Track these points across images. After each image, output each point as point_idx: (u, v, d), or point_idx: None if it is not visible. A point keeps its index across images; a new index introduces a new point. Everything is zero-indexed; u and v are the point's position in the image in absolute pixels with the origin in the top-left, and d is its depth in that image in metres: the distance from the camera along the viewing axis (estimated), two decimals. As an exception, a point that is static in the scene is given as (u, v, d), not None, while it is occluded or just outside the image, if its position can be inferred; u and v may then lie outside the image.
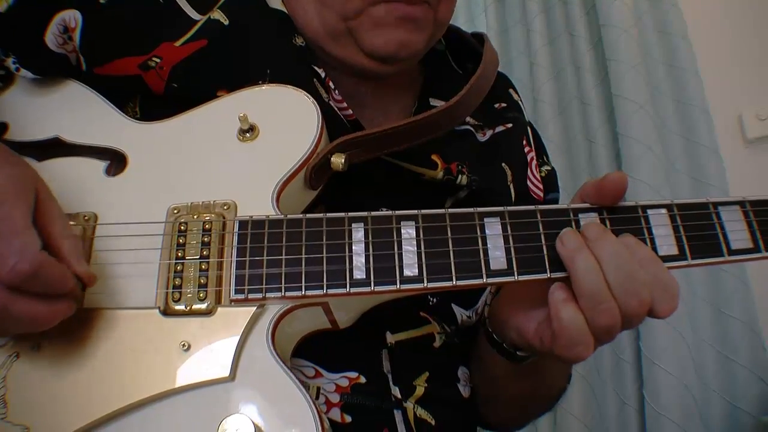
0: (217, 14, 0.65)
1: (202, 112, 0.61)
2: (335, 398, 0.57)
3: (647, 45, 1.87)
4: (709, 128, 1.75)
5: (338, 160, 0.58)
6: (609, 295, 0.49)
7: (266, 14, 0.68)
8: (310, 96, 0.60)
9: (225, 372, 0.48)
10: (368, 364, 0.61)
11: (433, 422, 0.62)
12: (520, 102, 0.85)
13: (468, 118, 0.74)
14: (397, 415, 0.60)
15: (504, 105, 0.81)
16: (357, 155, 0.60)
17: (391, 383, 0.61)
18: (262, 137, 0.58)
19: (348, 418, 0.57)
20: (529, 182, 0.78)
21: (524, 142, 0.81)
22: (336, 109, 0.64)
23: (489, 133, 0.76)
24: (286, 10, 0.69)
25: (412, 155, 0.65)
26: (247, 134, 0.58)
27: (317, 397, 0.57)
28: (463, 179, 0.67)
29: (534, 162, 0.81)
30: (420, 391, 0.63)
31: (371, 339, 0.61)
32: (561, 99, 1.95)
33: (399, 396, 0.61)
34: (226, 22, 0.64)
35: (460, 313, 0.71)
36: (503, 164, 0.74)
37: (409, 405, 0.61)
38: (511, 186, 0.74)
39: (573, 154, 1.89)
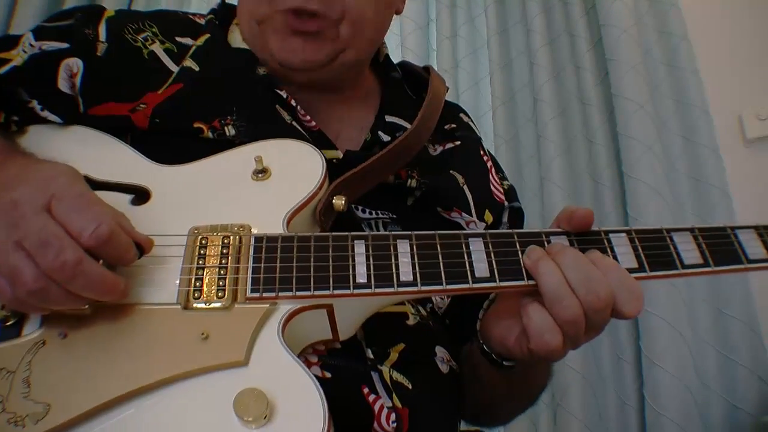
0: (188, 62, 0.76)
1: (220, 157, 0.69)
2: (314, 359, 0.63)
3: (647, 45, 1.87)
4: (709, 128, 1.75)
5: (339, 202, 0.67)
6: (569, 292, 0.56)
7: (230, 54, 0.80)
8: (316, 148, 0.69)
9: (240, 357, 0.53)
10: None
11: (410, 386, 0.67)
12: (470, 123, 0.99)
13: None
14: (375, 376, 0.65)
15: (453, 126, 0.93)
16: (352, 194, 0.70)
17: (364, 346, 0.66)
18: (273, 178, 0.67)
19: (328, 374, 0.62)
20: (491, 186, 0.90)
21: (481, 152, 0.93)
22: (299, 127, 0.74)
23: (440, 149, 0.87)
24: (247, 46, 0.80)
25: None
26: (260, 175, 0.66)
27: None
28: (412, 182, 0.79)
29: (493, 169, 0.93)
30: (394, 356, 0.68)
31: None
32: (561, 99, 1.95)
33: (373, 357, 0.66)
34: (197, 69, 0.75)
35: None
36: (451, 171, 0.85)
37: (385, 369, 0.66)
38: (465, 188, 0.84)
39: (573, 154, 1.89)
